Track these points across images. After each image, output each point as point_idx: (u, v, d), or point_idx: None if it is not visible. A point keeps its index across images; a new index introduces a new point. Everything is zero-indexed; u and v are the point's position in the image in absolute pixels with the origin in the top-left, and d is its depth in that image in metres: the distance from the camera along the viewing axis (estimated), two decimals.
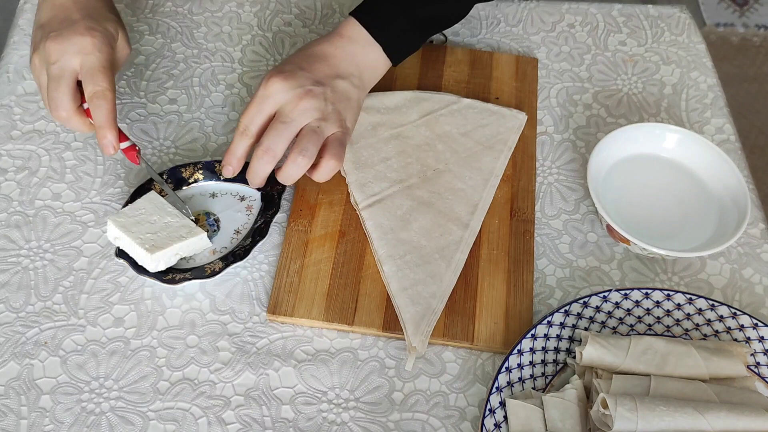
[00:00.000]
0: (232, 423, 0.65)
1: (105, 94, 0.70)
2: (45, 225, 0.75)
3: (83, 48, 0.70)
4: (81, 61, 0.70)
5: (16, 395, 0.66)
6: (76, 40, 0.69)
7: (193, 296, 0.72)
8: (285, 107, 0.69)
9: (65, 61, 0.69)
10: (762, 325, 0.69)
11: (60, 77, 0.69)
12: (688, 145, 0.79)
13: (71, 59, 0.69)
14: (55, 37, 0.70)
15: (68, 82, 0.70)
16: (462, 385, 0.68)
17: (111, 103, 0.70)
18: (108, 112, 0.70)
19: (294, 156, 0.69)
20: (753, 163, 0.84)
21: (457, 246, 0.73)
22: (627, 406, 0.59)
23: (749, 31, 2.13)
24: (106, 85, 0.70)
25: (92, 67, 0.70)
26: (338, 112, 0.72)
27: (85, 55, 0.70)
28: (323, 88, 0.71)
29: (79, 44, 0.69)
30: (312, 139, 0.69)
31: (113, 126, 0.70)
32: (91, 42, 0.70)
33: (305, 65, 0.73)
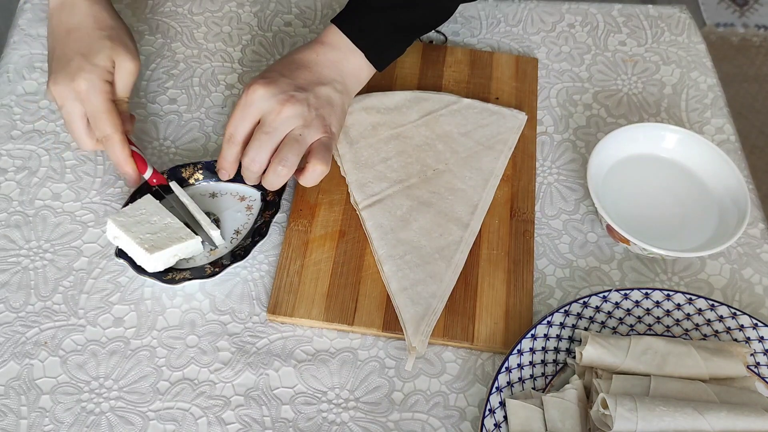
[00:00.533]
0: (232, 423, 0.65)
1: (111, 137, 0.72)
2: (45, 225, 0.75)
3: (81, 93, 0.71)
4: (82, 108, 0.72)
5: (16, 395, 0.66)
6: (72, 86, 0.71)
7: (193, 296, 0.72)
8: (268, 116, 0.70)
9: (69, 107, 0.72)
10: (762, 325, 0.69)
11: (71, 122, 0.73)
12: (688, 145, 0.79)
13: (73, 105, 0.72)
14: (53, 82, 0.72)
15: (79, 124, 0.72)
16: (462, 385, 0.68)
17: (119, 144, 0.72)
18: (119, 151, 0.73)
19: (273, 166, 0.69)
20: (753, 163, 0.84)
21: (457, 246, 0.73)
22: (627, 406, 0.59)
23: (749, 31, 2.13)
24: (109, 130, 0.72)
25: (93, 115, 0.72)
26: (322, 118, 0.72)
27: (85, 102, 0.72)
28: (306, 94, 0.71)
29: (75, 90, 0.71)
30: (293, 148, 0.69)
31: (128, 162, 0.73)
32: (85, 86, 0.71)
33: (287, 72, 0.73)
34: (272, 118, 0.70)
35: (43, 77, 0.86)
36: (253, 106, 0.70)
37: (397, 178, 0.77)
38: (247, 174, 0.71)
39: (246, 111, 0.71)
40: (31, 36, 0.89)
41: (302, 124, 0.70)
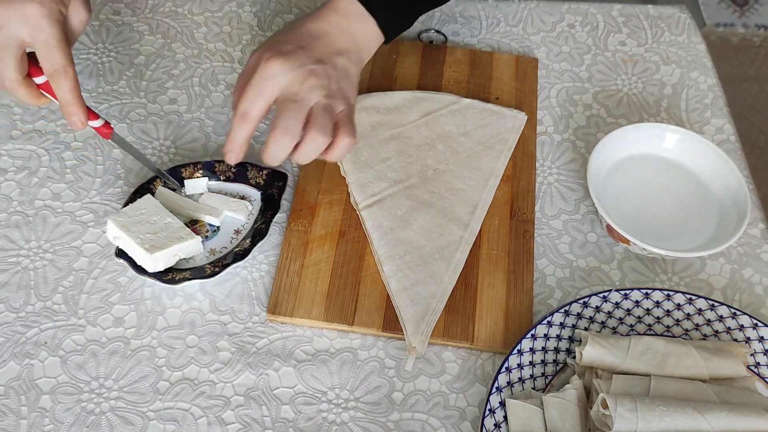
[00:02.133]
0: (232, 423, 0.65)
1: (65, 70, 0.66)
2: (45, 225, 0.75)
3: (30, 18, 0.64)
4: (30, 34, 0.65)
5: (16, 395, 0.66)
6: (22, 7, 0.64)
7: (193, 296, 0.72)
8: (290, 87, 0.66)
9: (10, 30, 0.65)
10: (762, 325, 0.69)
11: (5, 47, 0.65)
12: (688, 145, 0.79)
13: (18, 27, 0.65)
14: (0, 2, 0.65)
15: (13, 52, 0.65)
16: (462, 385, 0.68)
17: (72, 79, 0.66)
18: (71, 88, 0.66)
19: (313, 134, 0.65)
20: (753, 163, 0.84)
21: (457, 246, 0.73)
22: (627, 407, 0.59)
23: (749, 31, 2.13)
24: (64, 61, 0.66)
25: (46, 43, 0.65)
26: (342, 90, 0.70)
27: (35, 28, 0.65)
28: (324, 67, 0.68)
29: (25, 12, 0.64)
30: (327, 116, 0.66)
31: (79, 101, 0.67)
32: (39, 11, 0.64)
33: (303, 44, 0.70)
34: (296, 89, 0.66)
35: None
36: (271, 80, 0.66)
37: (397, 178, 0.77)
38: (275, 149, 0.66)
39: (263, 86, 0.66)
40: None
41: (326, 95, 0.67)
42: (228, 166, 0.77)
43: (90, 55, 0.88)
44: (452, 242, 0.73)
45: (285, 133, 0.65)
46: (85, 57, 0.88)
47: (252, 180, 0.77)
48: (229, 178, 0.77)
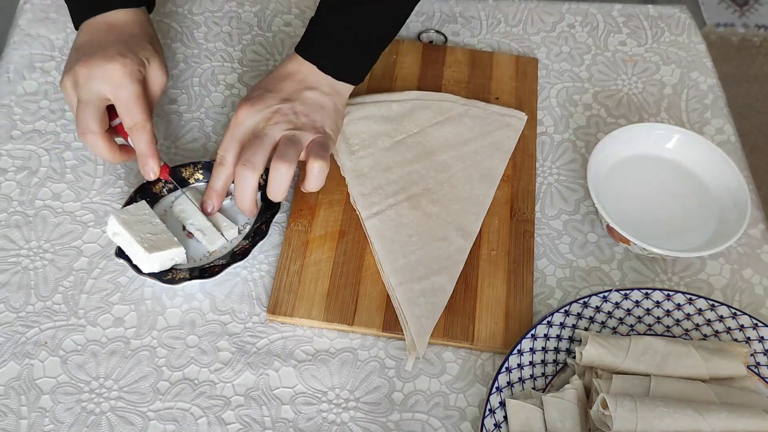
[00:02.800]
0: (232, 423, 0.65)
1: (144, 125, 0.71)
2: (45, 225, 0.75)
3: (112, 76, 0.70)
4: (113, 92, 0.70)
5: (16, 395, 0.66)
6: (105, 66, 0.69)
7: (193, 296, 0.72)
8: (256, 128, 0.70)
9: (93, 86, 0.70)
10: (762, 325, 0.69)
11: (88, 102, 0.70)
12: (688, 145, 0.79)
13: (100, 85, 0.70)
14: (85, 61, 0.70)
15: (96, 107, 0.70)
16: (462, 385, 0.68)
17: (150, 134, 0.71)
18: (148, 142, 0.71)
19: (274, 164, 0.68)
20: (753, 163, 0.84)
21: (460, 253, 0.73)
22: (627, 407, 0.59)
23: (749, 31, 2.13)
24: (143, 117, 0.71)
25: (127, 100, 0.70)
26: (313, 121, 0.72)
27: (117, 87, 0.70)
28: (291, 104, 0.72)
29: (108, 71, 0.70)
30: (289, 146, 0.69)
31: (154, 154, 0.72)
32: (120, 70, 0.70)
33: (271, 87, 0.73)
34: (261, 127, 0.70)
35: (43, 77, 0.86)
36: (242, 125, 0.71)
37: (399, 188, 0.77)
38: (240, 184, 0.69)
39: (235, 132, 0.71)
40: (31, 36, 0.89)
41: (292, 128, 0.70)
42: None
43: None
44: (456, 251, 0.73)
45: (245, 164, 0.68)
46: None
47: None
48: None
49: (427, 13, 0.95)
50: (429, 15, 0.95)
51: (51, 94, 0.84)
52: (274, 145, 0.70)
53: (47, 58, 0.87)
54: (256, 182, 0.69)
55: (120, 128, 0.74)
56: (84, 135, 0.70)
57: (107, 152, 0.72)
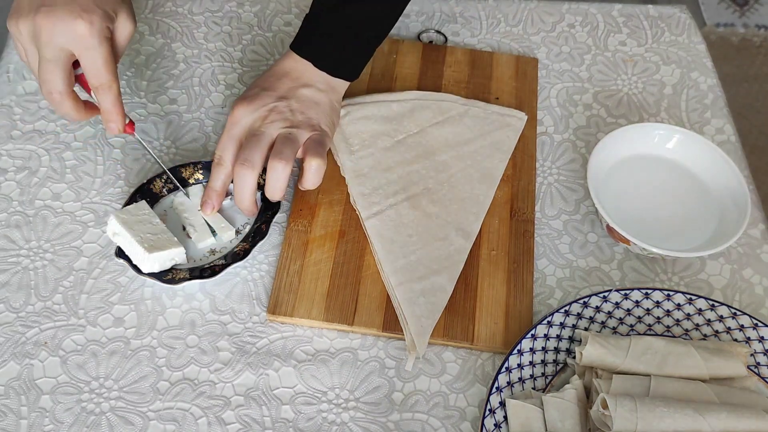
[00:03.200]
0: (232, 423, 0.65)
1: (110, 86, 0.69)
2: (45, 225, 0.75)
3: (79, 35, 0.65)
4: (79, 52, 0.67)
5: (16, 395, 0.66)
6: (71, 24, 0.65)
7: (193, 296, 0.72)
8: (252, 126, 0.71)
9: (58, 43, 0.66)
10: (762, 325, 0.69)
11: (55, 60, 0.66)
12: (688, 145, 0.79)
13: (65, 43, 0.66)
14: (47, 14, 0.65)
15: (63, 66, 0.67)
16: (462, 385, 0.68)
17: (116, 93, 0.69)
18: (113, 100, 0.70)
19: (271, 162, 0.68)
20: (753, 163, 0.84)
21: (459, 253, 0.73)
22: (627, 407, 0.59)
23: (749, 31, 2.13)
24: (110, 77, 0.68)
25: (94, 61, 0.67)
26: (309, 118, 0.72)
27: (84, 47, 0.66)
28: (287, 102, 0.72)
29: (74, 29, 0.65)
30: (285, 144, 0.69)
31: (119, 111, 0.70)
32: (88, 29, 0.65)
33: (267, 85, 0.73)
34: (258, 125, 0.70)
35: None
36: (238, 124, 0.71)
37: (398, 187, 0.77)
38: (239, 183, 0.69)
39: (231, 132, 0.71)
40: None
41: (289, 126, 0.70)
42: None
43: None
44: (456, 251, 0.73)
45: (243, 163, 0.68)
46: None
47: None
48: None
49: (427, 13, 0.95)
50: (429, 15, 0.95)
51: None
52: (271, 144, 0.70)
53: None
54: (255, 181, 0.69)
55: (82, 78, 0.71)
56: (50, 95, 0.68)
57: (74, 111, 0.70)
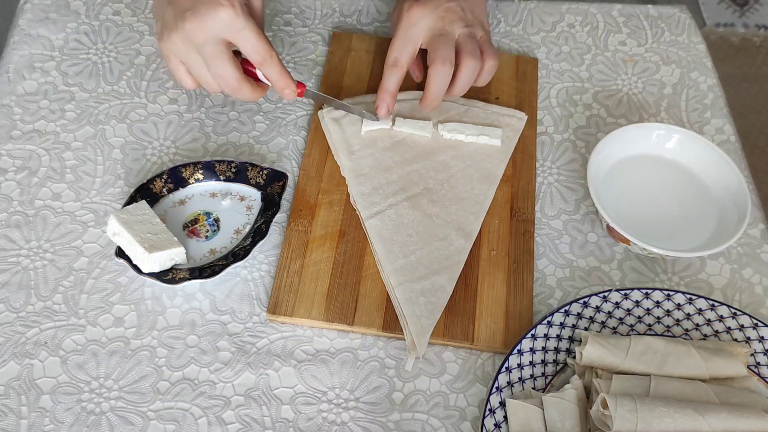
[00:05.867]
0: (232, 423, 0.65)
1: (271, 56, 0.70)
2: (45, 225, 0.75)
3: (226, 21, 0.67)
4: (232, 36, 0.68)
5: (16, 395, 0.66)
6: (215, 15, 0.67)
7: (193, 296, 0.72)
8: (434, 26, 0.74)
9: (215, 39, 0.68)
10: (762, 325, 0.69)
11: (218, 54, 0.68)
12: (688, 145, 0.79)
13: (219, 33, 0.67)
14: (192, 17, 0.67)
15: (228, 56, 0.69)
16: (462, 385, 0.68)
17: (278, 62, 0.71)
18: (279, 70, 0.71)
19: (467, 60, 0.73)
20: (753, 163, 0.84)
21: (459, 253, 0.73)
22: (627, 407, 0.59)
23: (749, 31, 2.13)
24: (267, 48, 0.70)
25: (247, 39, 0.68)
26: (477, 17, 0.77)
27: (234, 30, 0.67)
28: (457, 1, 0.76)
29: (221, 17, 0.67)
30: (473, 43, 0.75)
31: (288, 78, 0.72)
32: (232, 13, 0.67)
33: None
34: (440, 25, 0.74)
35: (43, 77, 0.86)
36: (416, 26, 0.74)
37: (398, 187, 0.77)
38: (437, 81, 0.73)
39: (409, 32, 0.74)
40: (31, 36, 0.89)
41: (465, 25, 0.75)
42: (228, 165, 0.77)
43: (90, 55, 0.88)
44: (456, 251, 0.73)
45: (444, 62, 0.73)
46: (85, 57, 0.88)
47: (252, 180, 0.77)
48: (229, 178, 0.77)
49: None
50: None
51: (51, 94, 0.84)
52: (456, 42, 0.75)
53: (47, 58, 0.87)
54: (449, 78, 0.74)
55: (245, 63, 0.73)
56: (228, 85, 0.70)
57: (252, 92, 0.72)
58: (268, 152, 0.82)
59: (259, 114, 0.85)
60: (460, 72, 0.74)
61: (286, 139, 0.83)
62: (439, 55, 0.73)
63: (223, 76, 0.70)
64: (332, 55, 0.88)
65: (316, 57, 0.90)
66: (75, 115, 0.83)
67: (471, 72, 0.74)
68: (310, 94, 0.76)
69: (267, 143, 0.82)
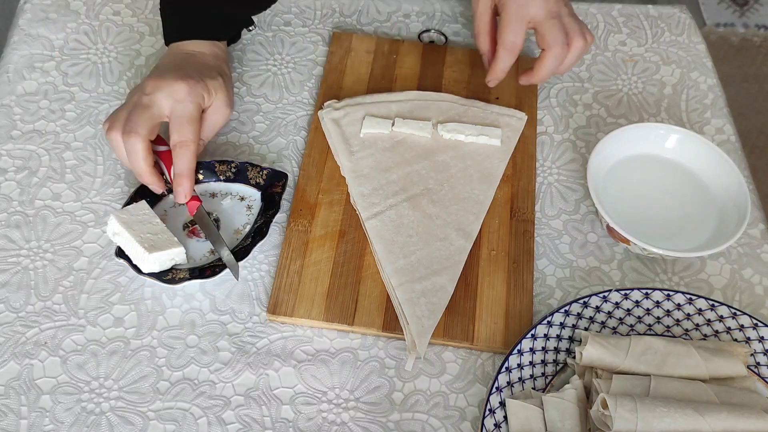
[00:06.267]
0: (232, 423, 0.65)
1: (188, 144, 0.71)
2: (45, 225, 0.75)
3: (176, 91, 0.71)
4: (171, 106, 0.71)
5: (16, 395, 0.66)
6: (173, 84, 0.71)
7: (193, 296, 0.72)
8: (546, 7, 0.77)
9: (156, 98, 0.71)
10: (762, 325, 0.69)
11: (147, 106, 0.71)
12: (688, 145, 0.79)
13: (162, 99, 0.71)
14: (158, 78, 0.72)
15: (152, 114, 0.71)
16: (462, 385, 0.68)
17: (192, 156, 0.71)
18: (189, 162, 0.71)
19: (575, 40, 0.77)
20: (753, 163, 0.84)
21: (460, 253, 0.73)
22: (627, 407, 0.59)
23: (749, 31, 2.13)
24: (190, 136, 0.71)
25: (180, 115, 0.71)
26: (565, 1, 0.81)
27: (176, 101, 0.71)
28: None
29: (174, 87, 0.71)
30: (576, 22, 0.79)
31: (191, 177, 0.72)
32: (185, 88, 0.71)
33: None
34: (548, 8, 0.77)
35: (43, 77, 0.86)
36: (528, 6, 0.77)
37: (398, 188, 0.77)
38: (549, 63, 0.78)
39: (521, 13, 0.77)
40: (31, 36, 0.89)
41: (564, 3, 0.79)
42: (228, 165, 0.77)
43: (90, 55, 0.88)
44: (456, 251, 0.73)
45: (556, 43, 0.77)
46: (85, 57, 0.88)
47: (252, 180, 0.77)
48: (229, 178, 0.77)
49: (428, 13, 0.95)
50: (429, 15, 0.95)
51: (51, 94, 0.84)
52: None
53: (47, 58, 0.87)
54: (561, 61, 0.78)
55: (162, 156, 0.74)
56: (128, 134, 0.69)
57: (142, 159, 0.70)
58: (268, 152, 0.82)
59: (259, 114, 0.85)
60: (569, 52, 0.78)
61: (286, 139, 0.83)
62: (557, 40, 0.77)
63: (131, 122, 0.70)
64: (332, 55, 0.88)
65: (316, 57, 0.90)
66: (75, 115, 0.83)
67: (576, 51, 0.78)
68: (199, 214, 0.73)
69: (267, 143, 0.82)
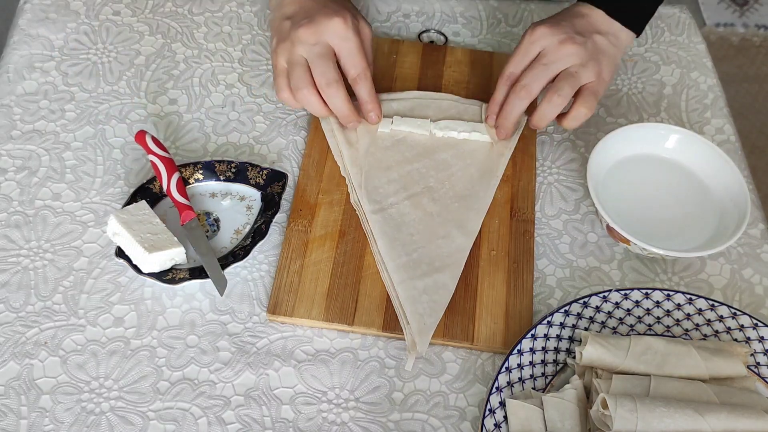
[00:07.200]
0: (232, 423, 0.65)
1: (366, 74, 0.76)
2: (45, 225, 0.75)
3: (336, 30, 0.73)
4: (338, 45, 0.74)
5: (16, 395, 0.66)
6: (329, 23, 0.73)
7: (193, 296, 0.72)
8: (547, 49, 0.74)
9: (323, 43, 0.74)
10: (762, 325, 0.69)
11: (324, 55, 0.73)
12: (688, 145, 0.79)
13: (328, 39, 0.74)
14: (307, 24, 0.74)
15: (332, 59, 0.74)
16: (462, 385, 0.68)
17: (371, 82, 0.76)
18: (369, 89, 0.76)
19: (550, 96, 0.74)
20: (753, 163, 0.84)
21: (461, 251, 0.73)
22: (627, 407, 0.59)
23: (749, 31, 2.13)
24: (364, 64, 0.75)
25: (350, 50, 0.74)
26: (597, 62, 0.75)
27: (342, 39, 0.74)
28: (584, 38, 0.75)
29: (332, 26, 0.73)
30: (569, 81, 0.73)
31: (375, 100, 0.78)
32: (343, 24, 0.73)
33: (565, 20, 0.76)
34: (552, 51, 0.74)
35: (43, 77, 0.86)
36: (536, 43, 0.75)
37: (399, 186, 0.77)
38: (512, 106, 0.75)
39: (528, 49, 0.75)
40: (31, 36, 0.89)
41: (579, 63, 0.74)
42: (228, 165, 0.77)
43: (90, 55, 0.88)
44: (457, 249, 0.73)
45: (523, 88, 0.74)
46: (85, 57, 0.88)
47: (252, 180, 0.77)
48: (229, 178, 0.77)
49: (428, 13, 0.95)
50: (429, 15, 0.95)
51: (51, 94, 0.84)
52: (555, 76, 0.74)
53: (47, 58, 0.87)
54: (526, 106, 0.75)
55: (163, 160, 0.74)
56: (328, 86, 0.74)
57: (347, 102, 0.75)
58: (268, 152, 0.82)
59: (259, 114, 0.85)
60: (540, 105, 0.75)
61: (286, 139, 0.83)
62: (520, 82, 0.75)
63: (323, 74, 0.73)
64: None
65: None
66: (75, 115, 0.83)
67: (549, 108, 0.74)
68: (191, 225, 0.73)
69: (267, 143, 0.82)
